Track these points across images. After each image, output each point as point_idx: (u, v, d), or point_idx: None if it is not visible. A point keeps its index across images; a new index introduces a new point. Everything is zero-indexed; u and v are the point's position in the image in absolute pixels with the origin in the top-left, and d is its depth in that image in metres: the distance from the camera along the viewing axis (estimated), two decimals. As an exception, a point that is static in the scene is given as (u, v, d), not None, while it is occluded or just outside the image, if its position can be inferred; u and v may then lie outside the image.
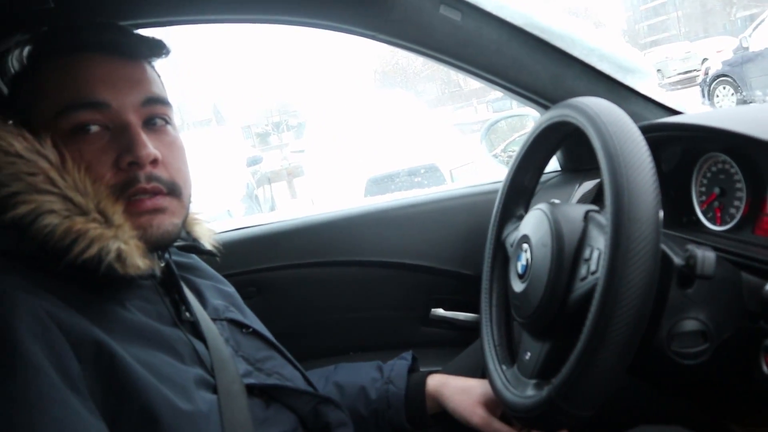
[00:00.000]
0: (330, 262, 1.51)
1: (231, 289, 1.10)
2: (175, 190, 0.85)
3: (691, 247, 0.77)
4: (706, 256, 0.74)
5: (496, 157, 2.40)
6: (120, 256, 0.75)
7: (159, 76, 0.92)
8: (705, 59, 14.03)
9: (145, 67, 0.89)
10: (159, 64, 0.94)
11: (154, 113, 0.86)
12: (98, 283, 0.77)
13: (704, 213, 1.08)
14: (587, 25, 1.25)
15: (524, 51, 1.21)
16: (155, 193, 0.82)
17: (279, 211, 8.27)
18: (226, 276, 1.14)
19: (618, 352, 0.69)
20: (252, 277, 1.48)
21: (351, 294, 1.54)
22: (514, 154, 1.09)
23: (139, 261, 0.77)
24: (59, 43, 0.85)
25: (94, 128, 0.80)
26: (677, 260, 0.80)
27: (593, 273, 0.77)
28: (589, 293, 0.75)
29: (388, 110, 7.25)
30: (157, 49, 0.91)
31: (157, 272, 0.85)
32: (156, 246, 0.84)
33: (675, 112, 1.27)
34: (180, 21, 1.21)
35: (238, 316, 1.00)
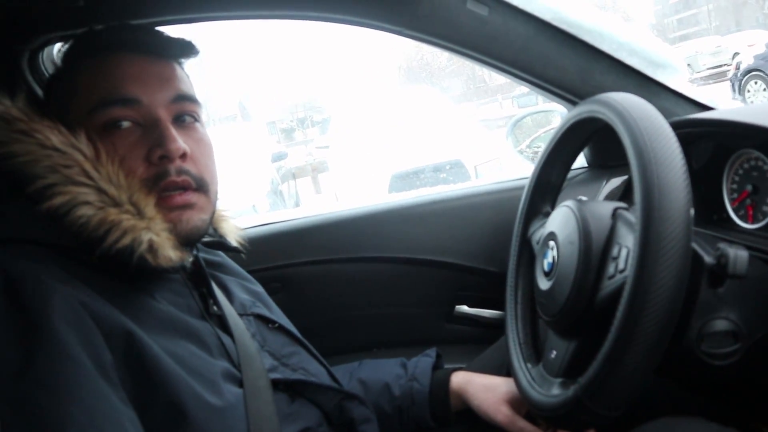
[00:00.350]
0: (354, 258, 1.51)
1: (258, 287, 1.10)
2: (203, 186, 0.87)
3: (722, 245, 0.75)
4: (738, 255, 0.73)
5: (522, 153, 2.38)
6: (152, 248, 0.77)
7: (188, 76, 0.94)
8: (736, 53, 13.72)
9: (174, 66, 0.91)
10: (186, 62, 0.96)
11: (184, 110, 0.88)
12: (130, 275, 0.78)
13: (735, 211, 1.06)
14: (616, 19, 1.23)
15: (552, 46, 1.19)
16: (185, 187, 0.84)
17: (303, 206, 8.32)
18: (251, 271, 1.14)
19: (646, 352, 0.67)
20: (276, 273, 1.49)
21: (375, 290, 1.54)
22: (541, 150, 1.08)
23: (170, 253, 0.79)
24: (94, 44, 0.88)
25: (126, 124, 0.83)
26: (708, 259, 0.78)
27: (621, 271, 0.76)
28: (617, 292, 0.74)
29: (413, 106, 7.23)
30: (187, 49, 0.93)
31: (188, 265, 0.87)
32: (185, 241, 0.85)
33: (706, 108, 1.25)
34: (207, 18, 1.21)
35: (265, 312, 1.01)
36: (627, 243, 0.77)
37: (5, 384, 0.62)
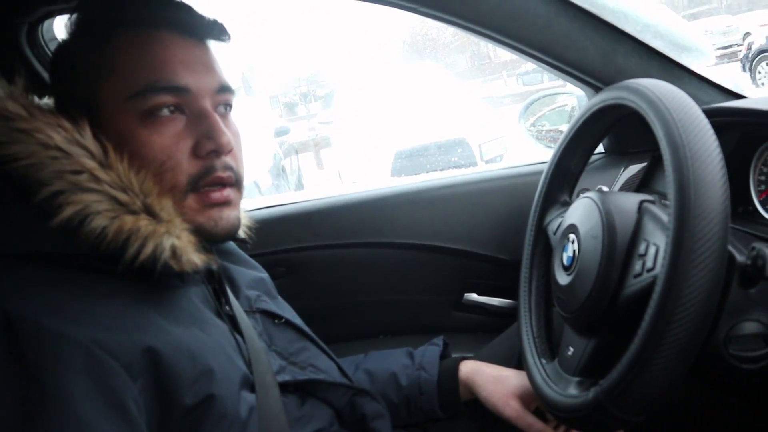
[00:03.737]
0: (361, 243, 1.47)
1: (263, 274, 1.07)
2: (240, 181, 0.83)
3: (758, 245, 0.71)
4: None
5: (527, 131, 2.34)
6: (175, 253, 0.72)
7: None
8: (747, 34, 13.54)
9: (212, 51, 0.84)
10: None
11: (225, 100, 0.83)
12: (155, 278, 0.73)
13: (762, 204, 1.02)
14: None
15: (573, 26, 1.14)
16: (229, 183, 0.80)
17: (306, 182, 8.28)
18: (255, 255, 1.11)
19: (676, 356, 0.64)
20: (281, 257, 1.46)
21: (382, 276, 1.51)
22: (561, 137, 1.04)
23: (194, 256, 0.75)
24: (134, 15, 0.78)
25: (168, 112, 0.76)
26: (740, 258, 0.74)
27: (649, 270, 0.72)
28: (645, 291, 0.71)
29: (417, 82, 7.15)
30: (222, 33, 0.86)
31: (214, 266, 0.81)
32: (221, 239, 0.82)
33: (733, 94, 1.20)
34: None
35: (271, 306, 0.98)
36: (656, 240, 0.74)
37: None
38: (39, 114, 0.72)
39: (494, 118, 6.65)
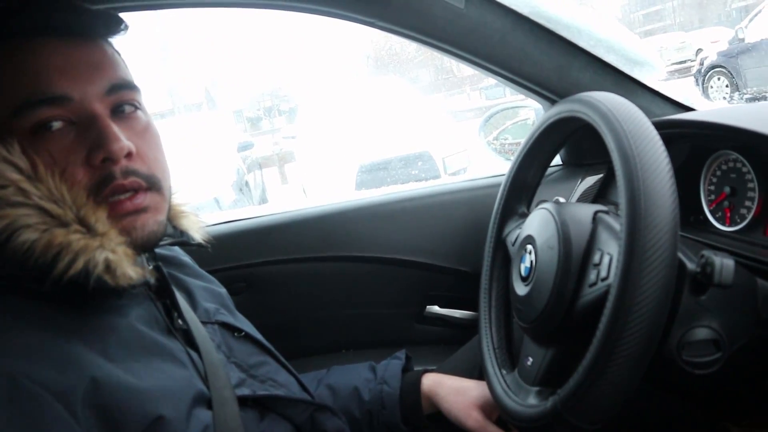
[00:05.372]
0: (322, 257, 1.46)
1: (221, 289, 1.05)
2: (155, 184, 0.78)
3: (707, 253, 0.73)
4: (724, 263, 0.70)
5: (489, 145, 2.37)
6: (109, 267, 0.69)
7: (120, 55, 0.82)
8: (700, 50, 14.01)
9: (104, 48, 0.79)
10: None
11: (122, 100, 0.77)
12: (89, 296, 0.70)
13: (713, 213, 1.04)
14: (593, 15, 1.20)
15: (529, 41, 1.16)
16: (135, 189, 0.75)
17: (270, 196, 8.22)
18: (214, 271, 1.09)
19: (631, 364, 0.65)
20: (241, 272, 1.44)
21: (344, 290, 1.51)
22: (518, 150, 1.05)
23: (129, 270, 0.71)
24: (1, 27, 0.73)
25: (57, 124, 0.72)
26: (691, 266, 0.76)
27: (603, 279, 0.73)
28: (599, 300, 0.72)
29: (381, 96, 7.19)
30: (114, 25, 0.81)
31: (151, 280, 0.78)
32: (143, 248, 0.78)
33: (682, 107, 1.23)
34: (170, 4, 1.15)
35: (230, 319, 0.95)
36: (609, 249, 0.75)
37: None
38: None
39: (458, 132, 6.72)
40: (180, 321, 0.84)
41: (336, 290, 1.50)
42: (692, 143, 1.08)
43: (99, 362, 0.66)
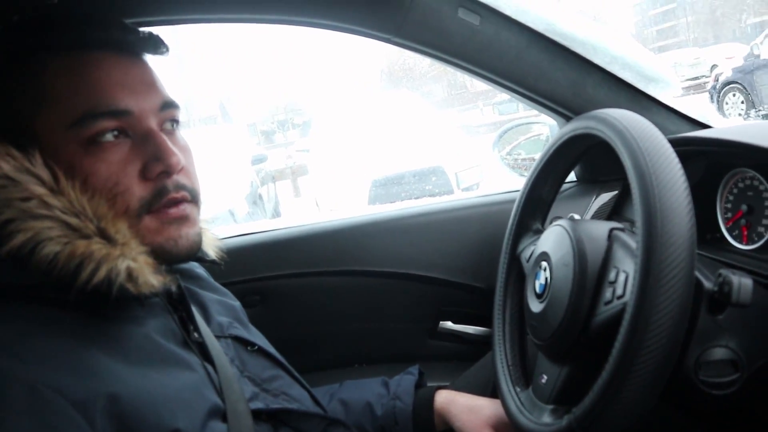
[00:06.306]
0: (336, 271, 1.47)
1: (235, 302, 1.05)
2: (196, 198, 0.81)
3: (725, 271, 0.72)
4: (742, 283, 0.70)
5: (502, 160, 2.37)
6: (131, 276, 0.70)
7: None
8: (714, 66, 13.96)
9: (151, 67, 0.83)
10: (165, 60, 0.88)
11: (170, 117, 0.81)
12: (111, 306, 0.71)
13: (729, 231, 1.03)
14: (609, 31, 1.20)
15: (544, 57, 1.17)
16: (184, 201, 0.78)
17: (283, 209, 8.25)
18: (228, 284, 1.10)
19: (647, 383, 0.65)
20: (255, 285, 1.44)
21: (357, 305, 1.50)
22: (532, 166, 1.05)
23: (151, 278, 0.73)
24: (61, 37, 0.75)
25: (111, 137, 0.74)
26: (708, 284, 0.75)
27: (619, 297, 0.73)
28: (615, 318, 0.71)
29: (394, 111, 7.22)
30: (160, 47, 0.84)
31: (173, 287, 0.79)
32: (185, 258, 0.80)
33: (698, 123, 1.23)
34: (189, 20, 1.16)
35: (243, 333, 0.96)
36: (625, 267, 0.74)
37: None
38: None
39: (470, 147, 6.72)
40: (196, 334, 0.85)
41: (349, 304, 1.50)
42: (708, 160, 1.07)
43: (118, 372, 0.67)
